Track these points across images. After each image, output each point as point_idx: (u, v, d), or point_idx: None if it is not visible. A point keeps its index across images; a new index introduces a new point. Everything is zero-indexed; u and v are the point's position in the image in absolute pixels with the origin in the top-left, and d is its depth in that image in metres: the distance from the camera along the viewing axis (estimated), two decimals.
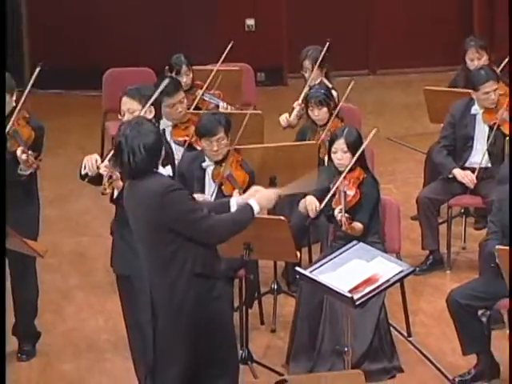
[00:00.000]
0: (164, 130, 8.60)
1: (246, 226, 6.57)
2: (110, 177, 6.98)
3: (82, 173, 7.21)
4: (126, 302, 7.35)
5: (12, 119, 7.94)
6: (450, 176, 9.48)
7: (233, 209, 6.60)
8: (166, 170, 6.61)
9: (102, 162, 7.16)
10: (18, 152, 7.83)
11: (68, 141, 12.09)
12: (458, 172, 9.44)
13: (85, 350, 8.31)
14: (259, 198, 6.54)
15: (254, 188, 6.71)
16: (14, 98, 8.06)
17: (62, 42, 13.62)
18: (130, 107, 7.20)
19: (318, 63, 10.08)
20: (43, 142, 8.14)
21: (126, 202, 6.56)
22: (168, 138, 8.59)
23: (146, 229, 6.45)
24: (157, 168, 6.39)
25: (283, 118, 10.01)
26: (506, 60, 10.54)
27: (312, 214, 8.24)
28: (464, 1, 14.64)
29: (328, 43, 10.16)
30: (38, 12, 14.20)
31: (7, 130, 7.88)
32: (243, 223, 6.54)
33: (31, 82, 8.11)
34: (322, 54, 10.16)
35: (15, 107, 8.00)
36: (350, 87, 9.20)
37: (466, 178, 9.42)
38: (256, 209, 6.49)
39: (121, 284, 7.38)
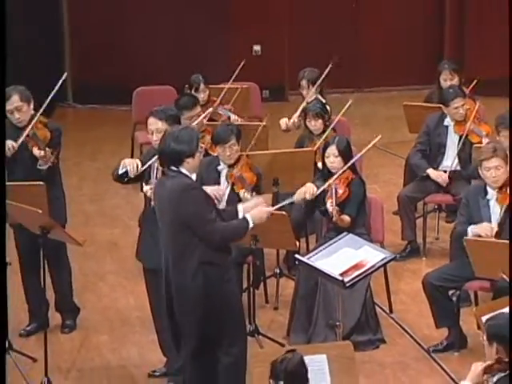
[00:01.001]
0: None
1: (241, 236, 6.65)
2: None
3: (120, 172, 7.26)
4: (152, 290, 7.38)
5: (31, 124, 7.94)
6: (424, 175, 9.51)
7: (240, 214, 6.61)
8: (193, 175, 6.60)
9: (142, 168, 7.22)
10: (34, 150, 7.87)
11: (103, 148, 12.06)
12: (432, 172, 9.49)
13: (117, 325, 8.35)
14: (254, 215, 6.58)
15: (254, 201, 6.78)
16: (32, 106, 8.03)
17: (98, 64, 13.59)
18: (157, 127, 7.19)
19: (317, 84, 10.06)
20: (60, 141, 8.11)
21: (155, 197, 6.65)
22: None
23: (169, 220, 6.50)
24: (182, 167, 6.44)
25: (283, 122, 10.03)
26: (475, 81, 10.48)
27: (308, 196, 8.19)
28: (437, 29, 14.56)
29: (330, 65, 10.21)
30: (79, 37, 14.14)
31: (27, 132, 7.90)
32: (239, 234, 6.61)
33: (55, 89, 8.14)
34: (323, 75, 10.15)
35: (34, 115, 8.00)
36: (347, 105, 9.21)
37: (440, 177, 9.48)
38: (250, 224, 6.55)
39: (148, 275, 7.43)
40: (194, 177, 6.60)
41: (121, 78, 12.68)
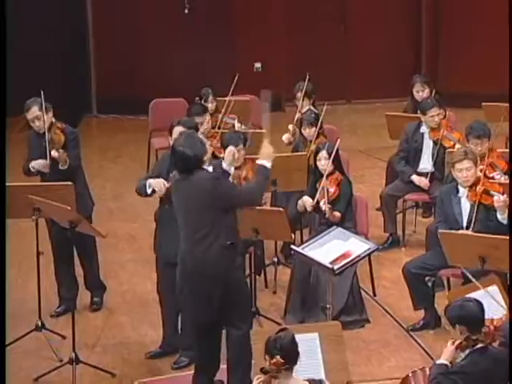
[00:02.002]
0: None
1: (268, 179, 6.65)
2: None
3: (149, 192, 7.27)
4: (168, 282, 7.26)
5: (53, 129, 7.98)
6: (407, 180, 9.49)
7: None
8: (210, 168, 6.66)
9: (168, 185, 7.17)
10: (52, 152, 7.90)
11: (123, 153, 12.04)
12: (415, 178, 9.48)
13: (136, 307, 8.37)
14: (264, 156, 6.58)
15: (262, 152, 6.69)
16: (51, 114, 8.05)
17: (119, 80, 13.61)
18: None
19: (302, 92, 10.11)
20: (76, 143, 8.12)
21: (175, 193, 6.61)
22: None
23: (196, 210, 6.44)
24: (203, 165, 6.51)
25: (286, 137, 9.95)
26: (434, 91, 10.47)
27: (309, 209, 8.29)
28: (415, 49, 14.58)
29: (308, 76, 10.18)
30: (103, 56, 14.16)
31: (48, 139, 7.92)
32: (265, 180, 6.62)
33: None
34: (305, 84, 10.16)
35: (52, 122, 8.02)
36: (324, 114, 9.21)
37: (422, 182, 9.47)
38: (267, 165, 6.55)
39: (163, 267, 7.36)
40: (210, 168, 6.66)
41: (139, 92, 12.69)
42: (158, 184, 7.23)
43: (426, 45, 14.58)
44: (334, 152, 8.27)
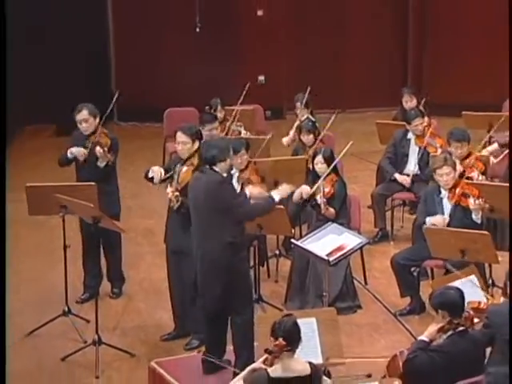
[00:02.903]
0: None
1: (269, 210, 6.67)
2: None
3: (149, 176, 7.30)
4: (174, 268, 7.39)
5: (97, 133, 8.01)
6: (392, 178, 9.50)
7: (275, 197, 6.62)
8: (224, 175, 6.59)
9: (165, 176, 7.24)
10: (97, 148, 7.92)
11: (141, 156, 11.99)
12: (398, 176, 9.49)
13: (152, 294, 8.35)
14: (279, 192, 6.61)
15: (281, 187, 6.75)
16: (98, 120, 8.07)
17: (138, 91, 13.62)
18: (183, 140, 7.17)
19: (303, 103, 10.13)
20: (117, 148, 8.16)
21: (191, 189, 6.62)
22: None
23: (203, 206, 6.46)
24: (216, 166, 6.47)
25: (285, 140, 10.07)
26: (424, 99, 10.47)
27: (305, 196, 8.26)
28: (402, 62, 14.56)
29: (309, 89, 10.20)
30: (122, 69, 14.19)
31: (92, 140, 7.96)
32: (267, 208, 6.63)
33: (111, 105, 8.27)
34: (306, 96, 10.19)
35: (98, 127, 8.05)
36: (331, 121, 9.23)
37: (404, 180, 9.48)
38: (276, 198, 6.57)
39: (170, 255, 7.43)
40: (225, 174, 6.57)
41: (154, 102, 12.69)
42: (157, 171, 7.26)
43: (412, 59, 14.56)
44: (335, 159, 8.29)
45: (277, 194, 6.58)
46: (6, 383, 6.07)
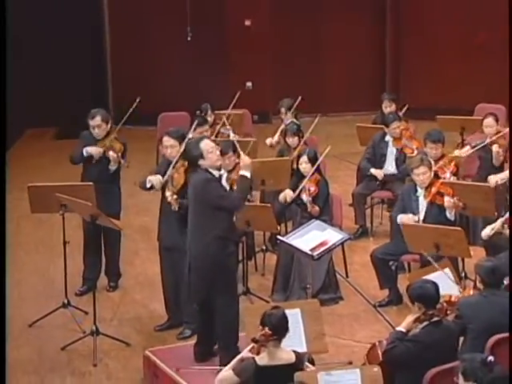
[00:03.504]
0: None
1: (248, 188, 6.60)
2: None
3: (147, 186, 7.29)
4: (167, 263, 7.38)
5: (109, 138, 8.01)
6: (369, 174, 9.52)
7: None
8: (215, 171, 6.53)
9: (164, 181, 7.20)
10: (111, 153, 7.92)
11: (136, 158, 11.66)
12: (373, 170, 9.49)
13: (147, 287, 8.33)
14: (242, 167, 6.50)
15: (241, 164, 6.62)
16: (109, 125, 8.07)
17: (133, 96, 13.55)
18: (171, 144, 7.18)
19: (292, 110, 10.11)
20: (125, 152, 8.14)
21: (189, 188, 6.63)
22: None
23: (195, 205, 6.47)
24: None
25: (268, 141, 10.08)
26: (406, 107, 10.51)
27: (289, 199, 8.30)
28: (380, 70, 14.59)
29: (300, 98, 10.19)
30: (118, 76, 14.18)
31: (105, 143, 7.95)
32: (246, 188, 6.55)
33: (128, 113, 8.27)
34: (295, 104, 10.17)
35: (109, 131, 8.06)
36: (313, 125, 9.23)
37: (378, 174, 9.45)
38: (247, 175, 6.45)
39: (164, 252, 7.40)
40: (215, 172, 6.50)
41: (149, 106, 12.60)
42: (156, 180, 7.23)
43: (389, 67, 14.59)
44: (318, 160, 8.28)
45: (246, 171, 6.46)
46: (5, 371, 6.04)
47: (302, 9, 14.34)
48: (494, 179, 8.54)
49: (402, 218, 7.76)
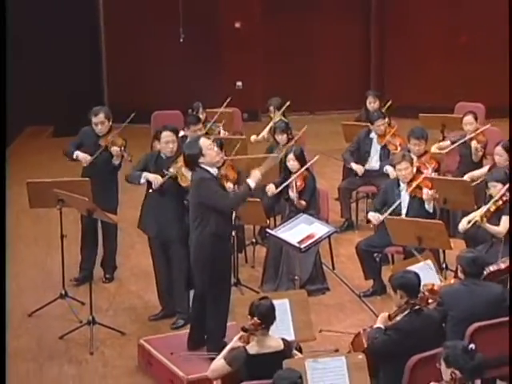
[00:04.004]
0: None
1: (247, 197, 6.61)
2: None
3: (142, 182, 7.32)
4: (159, 256, 7.38)
5: (110, 134, 7.99)
6: (349, 167, 9.53)
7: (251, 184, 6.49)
8: (213, 169, 6.53)
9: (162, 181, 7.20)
10: (115, 148, 7.89)
11: (132, 154, 11.99)
12: (353, 164, 9.51)
13: (141, 278, 8.30)
14: (253, 178, 6.47)
15: (252, 174, 6.58)
16: (111, 122, 8.05)
17: (128, 95, 13.60)
18: (173, 138, 7.21)
19: (281, 110, 10.11)
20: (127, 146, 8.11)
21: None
22: None
23: (192, 202, 6.49)
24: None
25: (253, 138, 10.06)
26: (390, 102, 10.51)
27: (270, 194, 8.32)
28: (365, 69, 14.56)
29: (288, 103, 10.17)
30: (114, 76, 14.16)
31: (106, 140, 7.92)
32: (245, 196, 6.56)
33: (128, 119, 8.28)
34: (283, 108, 10.16)
35: (111, 129, 8.04)
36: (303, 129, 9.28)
37: (358, 169, 9.46)
38: (252, 185, 6.45)
39: (157, 245, 7.38)
40: (213, 170, 6.48)
41: (143, 105, 12.61)
42: (156, 179, 7.21)
43: (374, 69, 14.60)
44: (304, 156, 8.28)
45: (252, 181, 6.48)
46: (5, 359, 6.02)
47: (290, 12, 14.35)
48: (470, 178, 8.51)
49: (371, 216, 7.83)
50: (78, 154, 8.00)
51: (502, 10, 13.36)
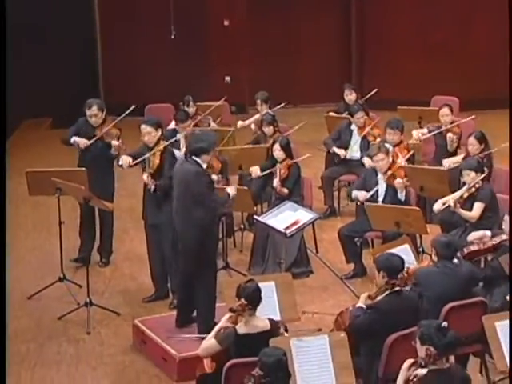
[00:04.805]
0: (179, 138, 8.48)
1: (226, 203, 6.69)
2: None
3: (119, 163, 7.34)
4: (152, 240, 7.38)
5: (105, 124, 7.93)
6: (331, 151, 9.52)
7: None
8: (204, 165, 6.54)
9: (133, 163, 7.23)
10: (113, 141, 7.86)
11: (125, 144, 11.88)
12: (336, 149, 9.48)
13: (136, 263, 8.28)
14: (231, 190, 6.66)
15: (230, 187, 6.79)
16: (104, 114, 7.99)
17: (122, 89, 13.53)
18: (148, 131, 7.22)
19: (268, 102, 10.08)
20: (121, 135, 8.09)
21: (175, 174, 6.59)
22: (181, 143, 8.48)
23: (180, 192, 6.46)
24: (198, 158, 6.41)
25: (239, 123, 10.06)
26: (369, 95, 10.51)
27: (254, 176, 8.34)
28: (346, 63, 14.53)
29: (284, 103, 10.22)
30: (109, 71, 14.08)
31: (103, 132, 7.87)
32: (226, 203, 6.64)
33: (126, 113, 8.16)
34: (278, 108, 10.14)
35: (105, 119, 7.99)
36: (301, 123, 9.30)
37: (340, 152, 9.44)
38: (231, 193, 6.63)
39: (148, 229, 7.40)
40: (204, 165, 6.50)
41: (137, 98, 12.56)
42: (125, 159, 7.25)
43: (355, 63, 14.60)
44: (290, 146, 8.31)
45: (231, 191, 6.65)
46: (5, 339, 6.03)
47: (275, 10, 14.33)
48: (447, 163, 8.60)
49: (357, 194, 7.86)
50: (75, 139, 7.96)
51: (476, 7, 13.40)
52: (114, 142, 7.86)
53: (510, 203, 7.18)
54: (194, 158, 6.40)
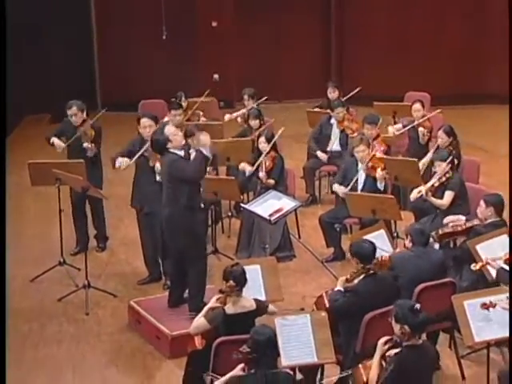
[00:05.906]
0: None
1: (206, 160, 6.41)
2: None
3: (116, 166, 7.28)
4: (144, 227, 7.37)
5: (85, 124, 7.88)
6: (315, 154, 9.52)
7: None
8: (181, 152, 6.48)
9: (132, 161, 7.18)
10: (84, 144, 7.82)
11: (119, 140, 11.38)
12: (319, 153, 9.50)
13: (131, 248, 8.23)
14: (200, 143, 6.37)
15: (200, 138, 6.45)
16: (85, 113, 7.94)
17: (118, 86, 13.50)
18: (150, 124, 7.21)
19: (254, 98, 10.05)
20: (100, 136, 7.99)
21: (161, 166, 6.65)
22: None
23: (165, 180, 6.49)
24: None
25: (227, 116, 10.00)
26: (352, 93, 10.52)
27: (248, 172, 8.31)
28: (326, 62, 14.54)
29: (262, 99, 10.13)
30: (105, 69, 14.02)
31: (82, 132, 7.80)
32: (202, 160, 6.37)
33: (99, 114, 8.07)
34: (258, 103, 10.05)
35: (86, 118, 7.93)
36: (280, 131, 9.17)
37: (322, 156, 9.45)
38: (204, 151, 6.32)
39: (142, 217, 7.39)
40: (180, 152, 6.46)
41: (131, 95, 12.53)
42: (123, 161, 7.23)
43: (334, 61, 14.58)
44: (274, 138, 8.27)
45: (202, 148, 6.34)
46: (5, 320, 6.02)
47: (260, 12, 14.31)
48: (421, 164, 8.53)
49: (337, 189, 7.90)
50: (54, 140, 7.95)
51: (448, 6, 13.40)
52: (86, 145, 7.83)
53: (509, 197, 7.17)
54: (166, 150, 6.42)
